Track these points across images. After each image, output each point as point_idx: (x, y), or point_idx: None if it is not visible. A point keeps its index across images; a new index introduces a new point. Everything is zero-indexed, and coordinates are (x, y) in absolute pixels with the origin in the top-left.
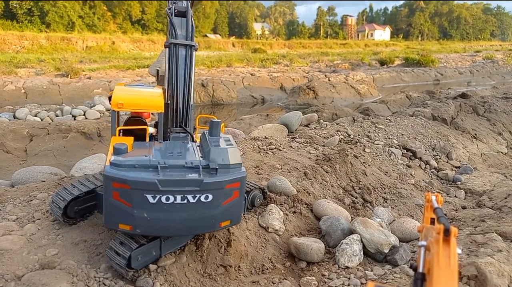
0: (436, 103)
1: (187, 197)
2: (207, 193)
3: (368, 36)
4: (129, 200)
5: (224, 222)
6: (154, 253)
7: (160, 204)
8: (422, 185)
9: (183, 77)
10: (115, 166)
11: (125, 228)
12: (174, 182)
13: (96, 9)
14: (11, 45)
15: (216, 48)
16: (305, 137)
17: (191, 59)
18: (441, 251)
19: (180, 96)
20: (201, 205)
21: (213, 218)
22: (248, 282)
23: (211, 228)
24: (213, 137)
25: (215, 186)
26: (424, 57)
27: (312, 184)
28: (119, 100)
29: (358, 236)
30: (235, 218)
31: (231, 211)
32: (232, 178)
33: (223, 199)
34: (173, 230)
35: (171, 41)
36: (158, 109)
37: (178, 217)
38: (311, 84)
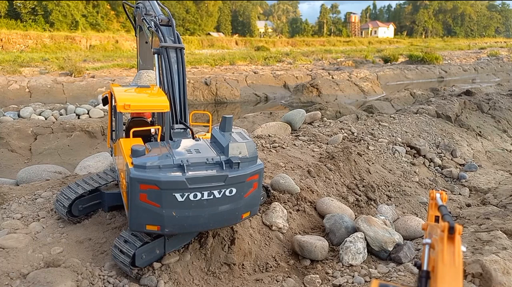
0: (440, 101)
1: (213, 193)
2: (232, 187)
3: (371, 34)
4: (158, 201)
5: (245, 213)
6: (158, 251)
7: (188, 202)
8: (426, 182)
9: (177, 76)
10: (139, 168)
11: (152, 229)
12: (201, 179)
13: (99, 8)
14: (15, 44)
15: (219, 47)
16: (309, 135)
17: (182, 60)
18: (446, 249)
19: (176, 94)
20: (226, 199)
21: (237, 211)
22: (252, 280)
23: (235, 221)
24: (227, 133)
25: (239, 179)
26: (428, 54)
27: (315, 182)
28: (126, 102)
29: (362, 234)
30: (254, 209)
31: (251, 203)
32: (252, 171)
33: (245, 192)
34: (200, 226)
35: (162, 44)
36: (164, 109)
37: (205, 212)
38: (315, 82)
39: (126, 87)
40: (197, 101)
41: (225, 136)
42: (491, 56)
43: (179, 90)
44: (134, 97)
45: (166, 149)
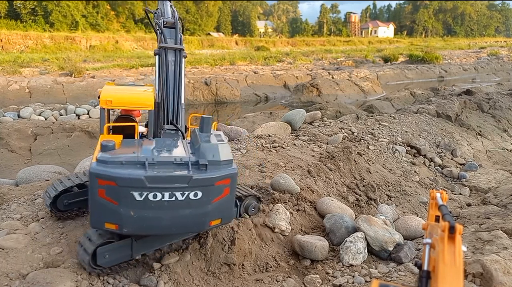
0: (441, 100)
1: (175, 195)
2: (196, 190)
3: (371, 33)
4: (116, 198)
5: (214, 220)
6: (125, 252)
7: (148, 202)
8: (426, 182)
9: (172, 77)
10: (101, 163)
11: (111, 227)
12: (161, 179)
13: (99, 8)
14: (15, 44)
15: (219, 47)
16: (309, 134)
17: (180, 62)
18: (446, 249)
19: (170, 95)
20: (190, 202)
21: (203, 216)
22: (252, 280)
23: (201, 227)
24: (203, 134)
25: (205, 182)
26: (428, 54)
27: (315, 182)
28: (108, 98)
29: (362, 233)
30: (226, 216)
31: (221, 209)
32: (222, 175)
33: (213, 197)
34: (162, 229)
35: (161, 45)
36: (148, 107)
37: (166, 215)
38: (315, 81)
39: (120, 85)
40: (197, 101)
41: (201, 137)
42: (491, 56)
43: (174, 91)
44: (118, 94)
45: (139, 147)
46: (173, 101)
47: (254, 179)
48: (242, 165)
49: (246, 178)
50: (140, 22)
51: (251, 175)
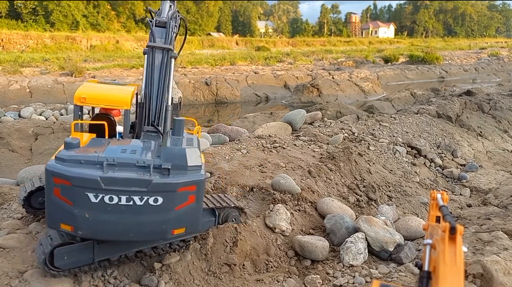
0: (441, 101)
1: (133, 199)
2: (157, 196)
3: (372, 34)
4: (71, 198)
5: (177, 229)
6: (85, 255)
7: (103, 205)
8: (427, 183)
9: (158, 78)
10: (59, 161)
11: (67, 229)
12: (118, 181)
13: (100, 8)
14: (16, 44)
15: (219, 47)
16: (309, 135)
17: (167, 62)
18: (447, 249)
19: (154, 96)
20: (150, 208)
21: (164, 224)
22: (253, 280)
23: (162, 235)
24: (174, 137)
25: (166, 188)
26: (429, 54)
27: (316, 182)
28: (82, 95)
29: (362, 234)
30: (192, 226)
31: (186, 218)
32: (186, 181)
33: (175, 204)
34: (119, 235)
35: (148, 44)
36: (123, 106)
37: (123, 220)
38: (315, 82)
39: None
40: (198, 101)
41: (171, 140)
42: (491, 56)
43: (158, 92)
44: (93, 91)
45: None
46: (156, 102)
47: (254, 179)
48: (242, 165)
49: (246, 178)
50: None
51: (252, 175)
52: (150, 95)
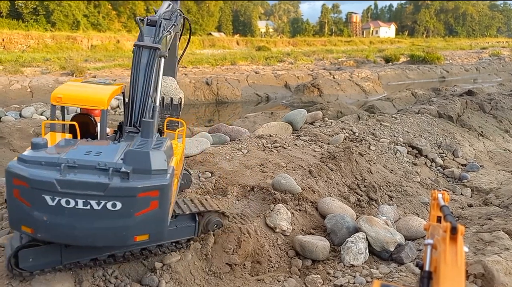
0: (442, 101)
1: (90, 203)
2: (115, 201)
3: (373, 34)
4: (29, 200)
5: (140, 236)
6: (52, 258)
7: (60, 208)
8: (428, 183)
9: (143, 77)
10: (21, 162)
11: (27, 231)
12: (74, 184)
13: (101, 8)
14: (17, 44)
15: (220, 46)
16: (310, 135)
17: (153, 61)
18: (448, 249)
19: (137, 96)
20: (108, 213)
21: (124, 230)
22: (253, 280)
23: (123, 242)
24: (142, 139)
25: (125, 192)
26: (430, 54)
27: (317, 182)
28: (57, 94)
29: (363, 234)
30: (156, 233)
31: (148, 225)
32: (147, 186)
33: (136, 210)
34: (77, 239)
35: (135, 43)
36: (99, 105)
37: (81, 224)
38: (316, 82)
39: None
40: (198, 101)
41: (138, 142)
42: (493, 56)
43: (142, 92)
44: (69, 91)
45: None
46: (141, 101)
47: (255, 179)
48: (243, 165)
49: (247, 178)
50: None
51: (252, 175)
52: (134, 95)
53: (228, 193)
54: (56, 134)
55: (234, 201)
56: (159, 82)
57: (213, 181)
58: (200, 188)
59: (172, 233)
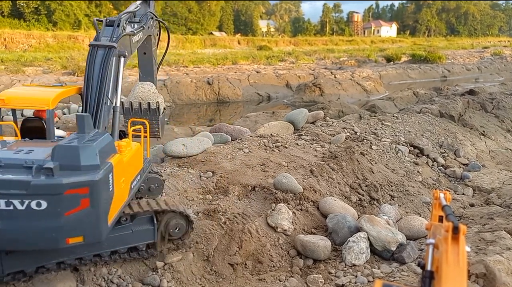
0: (444, 100)
1: (13, 203)
2: (39, 199)
3: (374, 33)
4: None
5: (73, 238)
6: None
7: None
8: (429, 182)
9: (97, 77)
10: None
11: None
12: None
13: (102, 8)
14: (19, 43)
15: (221, 46)
16: (311, 134)
17: (107, 60)
18: (450, 249)
19: (91, 96)
20: (34, 214)
21: (53, 231)
22: (255, 279)
23: (54, 244)
24: (77, 134)
25: (49, 190)
26: (431, 53)
27: (318, 182)
28: (1, 97)
29: (365, 233)
30: (91, 234)
31: (81, 225)
32: (74, 182)
33: (64, 209)
34: (5, 243)
35: (90, 43)
36: (43, 106)
37: (6, 227)
38: (317, 81)
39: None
40: (200, 100)
41: (70, 137)
42: (494, 55)
43: (96, 92)
44: (13, 93)
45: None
46: (95, 101)
47: (256, 178)
48: (244, 164)
49: (248, 177)
50: None
51: (254, 174)
52: (88, 94)
53: (230, 193)
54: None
55: (236, 200)
56: (119, 82)
57: (214, 180)
58: (202, 188)
59: (128, 237)
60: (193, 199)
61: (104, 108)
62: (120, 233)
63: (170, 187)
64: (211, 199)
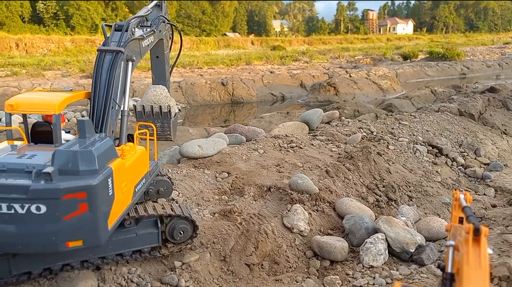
0: (463, 98)
1: (14, 207)
2: (38, 204)
3: (390, 30)
4: None
5: (72, 241)
6: (1, 269)
7: None
8: (449, 182)
9: (104, 82)
10: None
11: None
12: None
13: (118, 11)
14: (39, 48)
15: (235, 47)
16: (327, 134)
17: (115, 64)
18: (471, 251)
19: (98, 101)
20: (34, 218)
21: (53, 235)
22: (272, 280)
23: (54, 248)
24: (78, 139)
25: (47, 195)
26: (449, 50)
27: (334, 182)
28: (10, 102)
29: (382, 235)
30: (90, 238)
31: (80, 229)
32: (72, 187)
33: (63, 213)
34: (4, 246)
35: (98, 48)
36: (50, 111)
37: (8, 230)
38: (332, 80)
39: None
40: (214, 101)
41: (70, 143)
42: None
43: (103, 96)
44: (22, 98)
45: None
46: (102, 105)
47: (272, 179)
48: (259, 165)
49: (264, 178)
50: None
51: (269, 175)
52: (95, 98)
53: (245, 193)
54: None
55: (251, 201)
56: (127, 86)
57: (230, 181)
58: (217, 188)
59: (132, 241)
60: (209, 199)
61: (111, 112)
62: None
63: (187, 188)
64: (227, 199)
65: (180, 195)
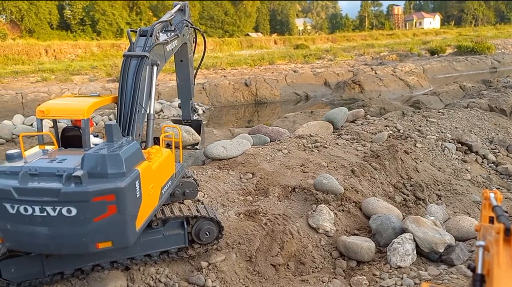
0: (493, 93)
1: (46, 209)
2: (69, 206)
3: (416, 25)
4: None
5: (102, 243)
6: (34, 269)
7: (20, 216)
8: (479, 180)
9: (130, 86)
10: None
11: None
12: (29, 191)
13: (142, 15)
14: (67, 54)
15: (258, 47)
16: (352, 133)
17: (140, 69)
18: (502, 252)
19: (125, 105)
20: (65, 220)
21: (83, 237)
22: (298, 280)
23: (84, 249)
24: (106, 143)
25: (77, 197)
26: (479, 44)
27: (360, 182)
28: (41, 108)
29: (410, 235)
30: (119, 239)
31: (109, 231)
32: (101, 189)
33: (92, 215)
34: (39, 247)
35: (124, 53)
36: (78, 116)
37: (40, 232)
38: (357, 78)
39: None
40: (238, 102)
41: (99, 146)
42: None
43: (130, 101)
44: (52, 105)
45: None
46: (129, 109)
47: (296, 179)
48: (284, 165)
49: (288, 178)
50: None
51: (293, 175)
52: (122, 102)
53: (270, 194)
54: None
55: (276, 201)
56: (153, 90)
57: (254, 182)
58: (242, 189)
59: (159, 242)
60: (234, 200)
61: (138, 116)
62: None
63: (212, 189)
64: (252, 200)
65: (206, 196)
